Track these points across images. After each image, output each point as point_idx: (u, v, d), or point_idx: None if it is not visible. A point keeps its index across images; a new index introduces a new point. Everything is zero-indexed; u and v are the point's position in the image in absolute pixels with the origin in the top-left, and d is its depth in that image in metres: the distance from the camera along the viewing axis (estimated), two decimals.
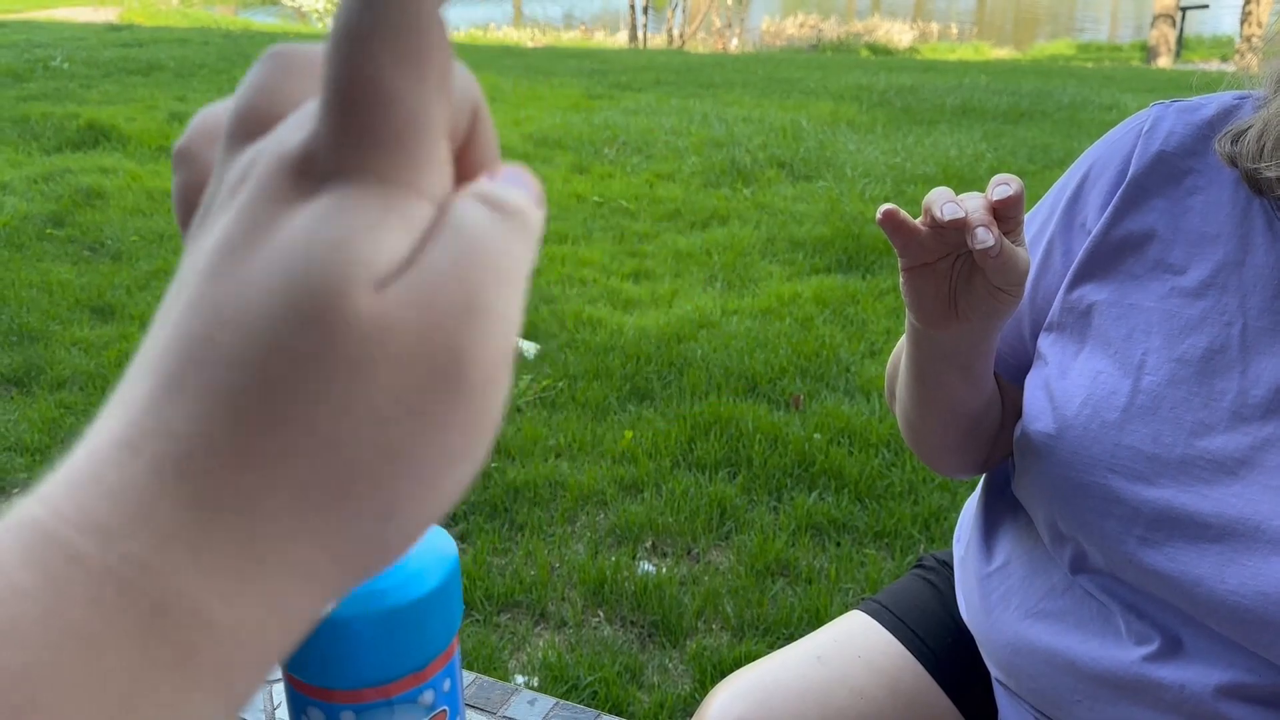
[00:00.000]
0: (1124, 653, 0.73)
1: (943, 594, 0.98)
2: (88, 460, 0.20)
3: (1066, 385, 0.76)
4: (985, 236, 0.65)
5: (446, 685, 0.51)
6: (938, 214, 0.67)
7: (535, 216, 0.23)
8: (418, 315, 0.20)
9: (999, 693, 0.86)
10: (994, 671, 0.85)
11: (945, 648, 0.93)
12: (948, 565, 1.01)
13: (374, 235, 0.20)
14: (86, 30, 11.14)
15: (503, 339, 0.22)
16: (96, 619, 0.18)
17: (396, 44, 0.20)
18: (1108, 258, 0.78)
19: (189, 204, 0.24)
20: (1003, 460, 0.91)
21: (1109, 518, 0.72)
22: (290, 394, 0.20)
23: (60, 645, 0.18)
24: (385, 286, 0.20)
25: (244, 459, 0.20)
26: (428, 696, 0.50)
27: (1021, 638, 0.79)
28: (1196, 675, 0.69)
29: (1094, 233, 0.78)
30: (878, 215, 0.70)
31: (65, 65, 8.01)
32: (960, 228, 0.66)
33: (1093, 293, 0.78)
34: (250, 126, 0.23)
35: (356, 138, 0.20)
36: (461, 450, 0.22)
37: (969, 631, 0.93)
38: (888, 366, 0.94)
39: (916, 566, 1.05)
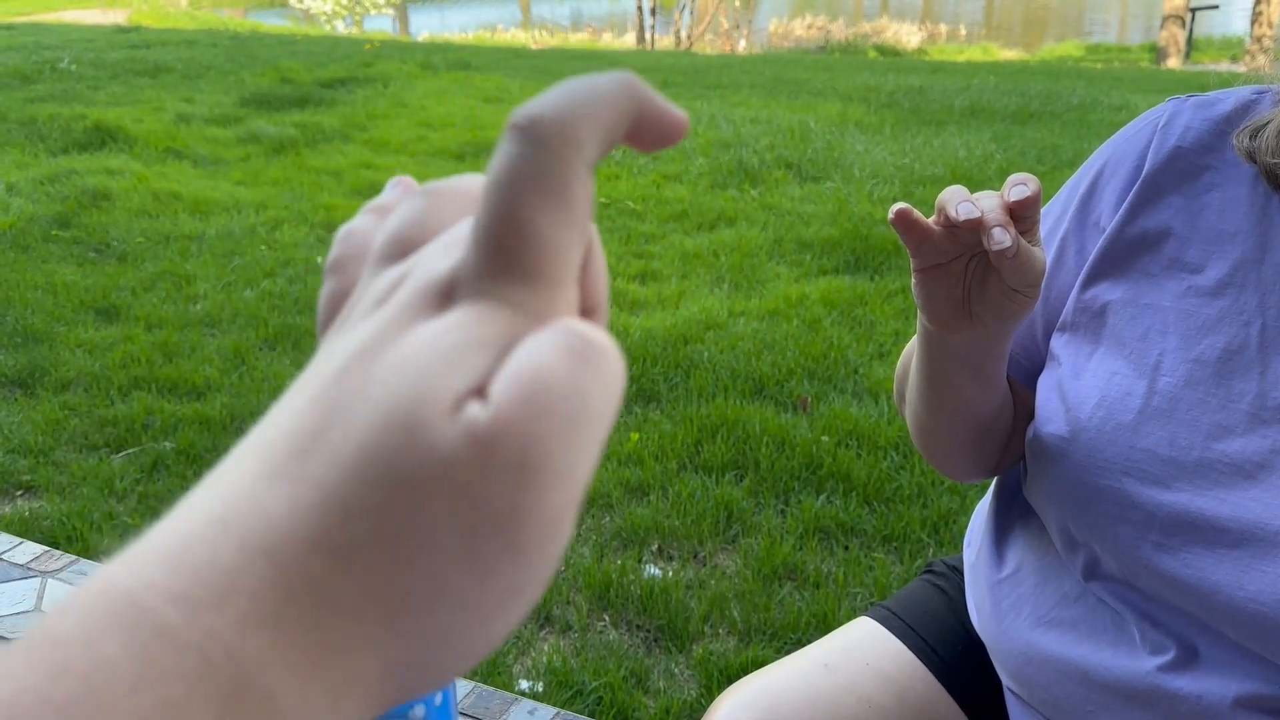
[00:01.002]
0: (1138, 662, 0.71)
1: (952, 600, 0.97)
2: (179, 533, 0.20)
3: (1080, 387, 0.75)
4: (1002, 237, 0.63)
5: (438, 699, 0.49)
6: (952, 213, 0.65)
7: (621, 362, 0.23)
8: (475, 460, 0.20)
9: (1010, 701, 0.85)
10: (1005, 680, 0.84)
11: (955, 655, 0.92)
12: (958, 571, 1.00)
13: (470, 357, 0.21)
14: (94, 32, 11.18)
15: (565, 501, 0.21)
16: (181, 693, 0.18)
17: (549, 189, 0.22)
18: (1122, 256, 0.76)
19: (332, 311, 0.26)
20: (1014, 464, 0.89)
21: (1123, 523, 0.70)
22: (369, 500, 0.20)
23: (146, 717, 0.18)
24: (456, 414, 0.21)
25: (323, 552, 0.20)
26: (418, 711, 0.49)
27: (1033, 646, 0.78)
28: (1214, 686, 0.68)
29: (1108, 230, 0.77)
30: (890, 215, 0.68)
31: (73, 67, 8.03)
32: (975, 228, 0.64)
33: (1107, 292, 0.76)
34: (400, 249, 0.25)
35: (497, 272, 0.22)
36: (513, 596, 0.22)
37: (979, 638, 0.92)
38: (897, 369, 0.92)
39: (926, 572, 1.03)
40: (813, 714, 0.87)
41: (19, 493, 2.44)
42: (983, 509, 0.94)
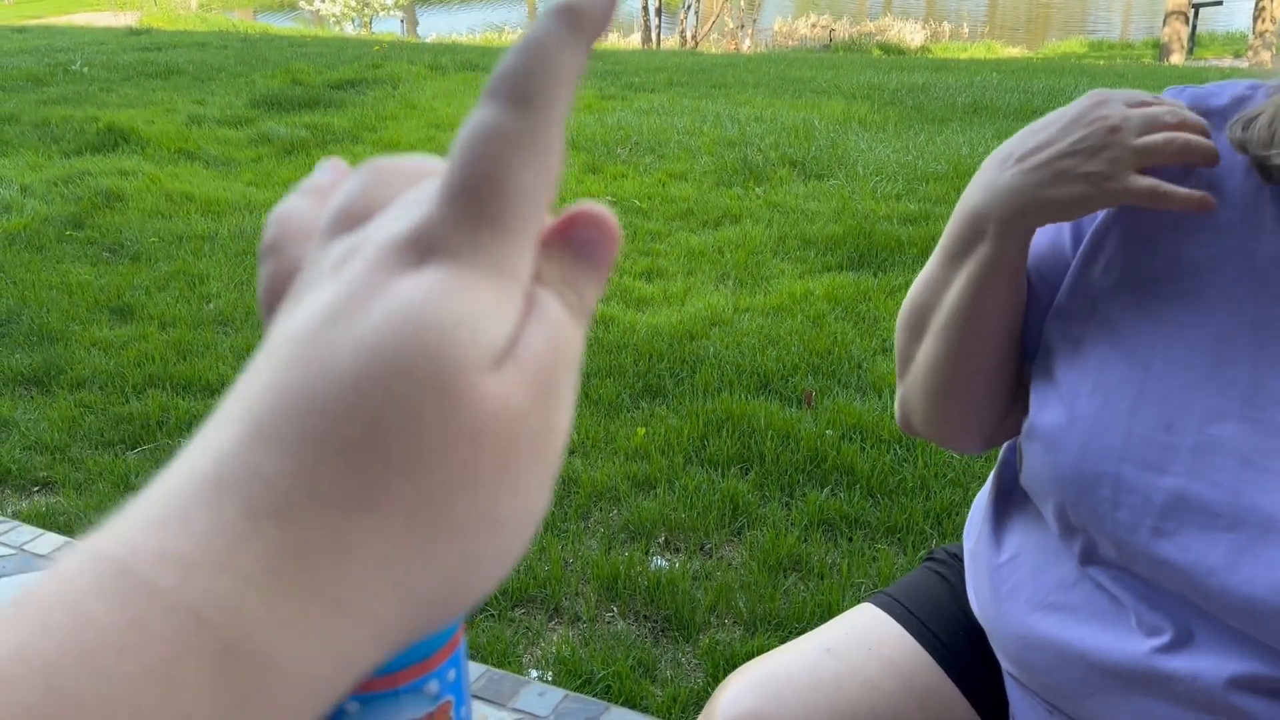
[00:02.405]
0: (1135, 645, 0.72)
1: (954, 587, 0.97)
2: (167, 499, 0.20)
3: (1074, 374, 0.76)
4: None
5: (452, 675, 0.50)
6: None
7: (593, 308, 0.26)
8: (524, 394, 0.22)
9: (1010, 685, 0.86)
10: (1005, 664, 0.85)
11: (956, 640, 0.93)
12: (959, 558, 1.01)
13: (492, 319, 0.22)
14: (106, 35, 11.23)
15: (569, 409, 0.24)
16: (172, 654, 0.18)
17: (528, 146, 0.23)
18: (1116, 243, 0.77)
19: (275, 293, 0.26)
20: (1008, 438, 0.90)
21: (1121, 508, 0.71)
22: (401, 449, 0.21)
23: (133, 678, 0.18)
24: (500, 368, 0.22)
25: (344, 506, 0.20)
26: (433, 686, 0.49)
27: (1032, 630, 0.79)
28: (1209, 667, 0.68)
29: (1101, 217, 0.78)
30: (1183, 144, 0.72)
31: (85, 69, 8.07)
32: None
33: (1101, 278, 0.77)
34: (349, 220, 0.25)
35: (475, 226, 0.22)
36: (533, 508, 0.24)
37: (979, 626, 0.93)
38: (905, 321, 0.90)
39: (928, 560, 1.04)
40: (816, 698, 0.88)
41: (36, 489, 2.48)
42: (983, 497, 0.94)
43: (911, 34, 16.49)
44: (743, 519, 2.30)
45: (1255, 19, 13.61)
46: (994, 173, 0.79)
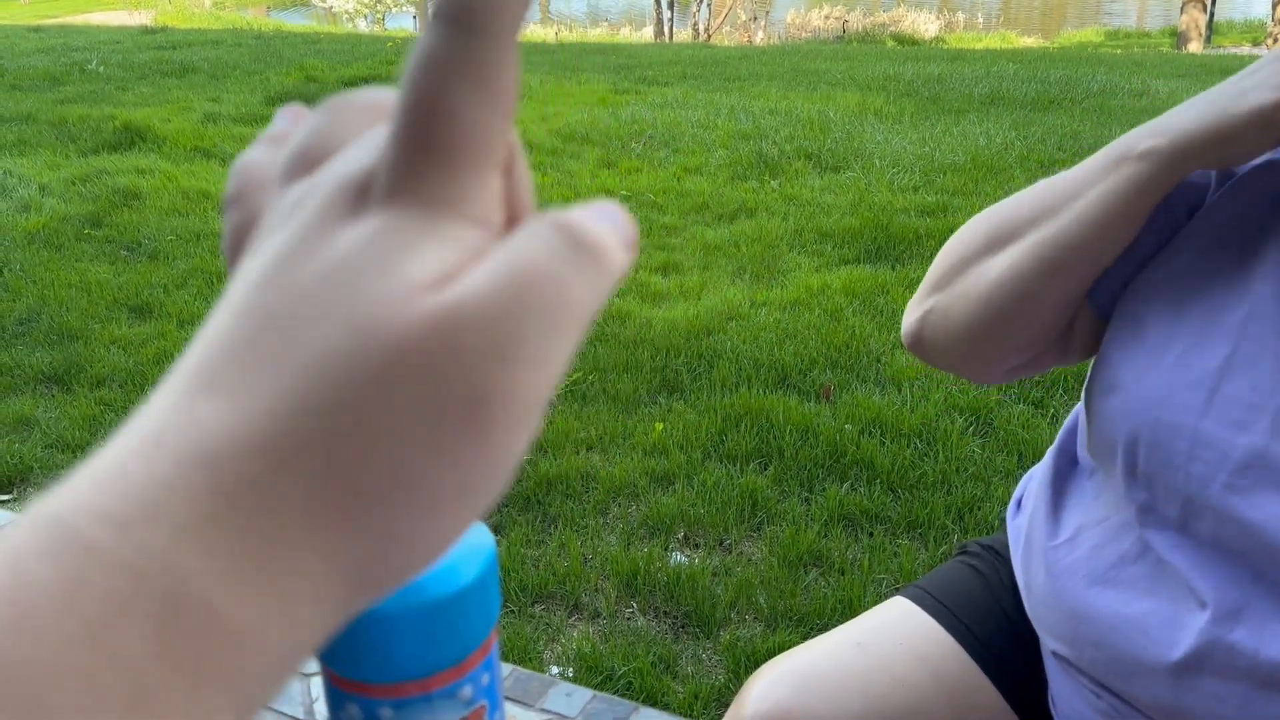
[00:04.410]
0: (1195, 617, 0.72)
1: (987, 579, 0.97)
2: (111, 456, 0.20)
3: (1166, 329, 0.76)
4: None
5: (485, 679, 0.50)
6: None
7: (617, 259, 0.23)
8: (440, 339, 0.20)
9: (1053, 669, 0.85)
10: (1052, 645, 0.84)
11: (989, 632, 0.92)
12: (993, 550, 1.00)
13: (412, 253, 0.21)
14: (122, 34, 11.28)
15: (537, 386, 0.21)
16: (111, 612, 0.18)
17: (474, 73, 0.21)
18: (1224, 212, 0.77)
19: (239, 243, 0.25)
20: (1023, 376, 0.88)
21: (1196, 461, 0.71)
22: (320, 400, 0.20)
23: (73, 638, 0.18)
24: (419, 300, 0.20)
25: (266, 456, 0.20)
26: (467, 691, 0.49)
27: (1089, 606, 0.78)
28: (1270, 640, 0.68)
29: (1216, 184, 0.78)
30: None
31: (101, 68, 8.11)
32: None
33: (1205, 243, 0.77)
34: (307, 163, 0.24)
35: (418, 160, 0.21)
36: (473, 486, 0.21)
37: (1014, 617, 0.92)
38: (977, 237, 0.84)
39: (960, 553, 1.03)
40: (845, 693, 0.88)
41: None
42: (1036, 477, 0.93)
43: (926, 25, 16.41)
44: (762, 514, 2.30)
45: (1275, 5, 13.48)
46: (1172, 111, 0.75)
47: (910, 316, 0.90)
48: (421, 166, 0.21)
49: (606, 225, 0.23)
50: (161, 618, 0.18)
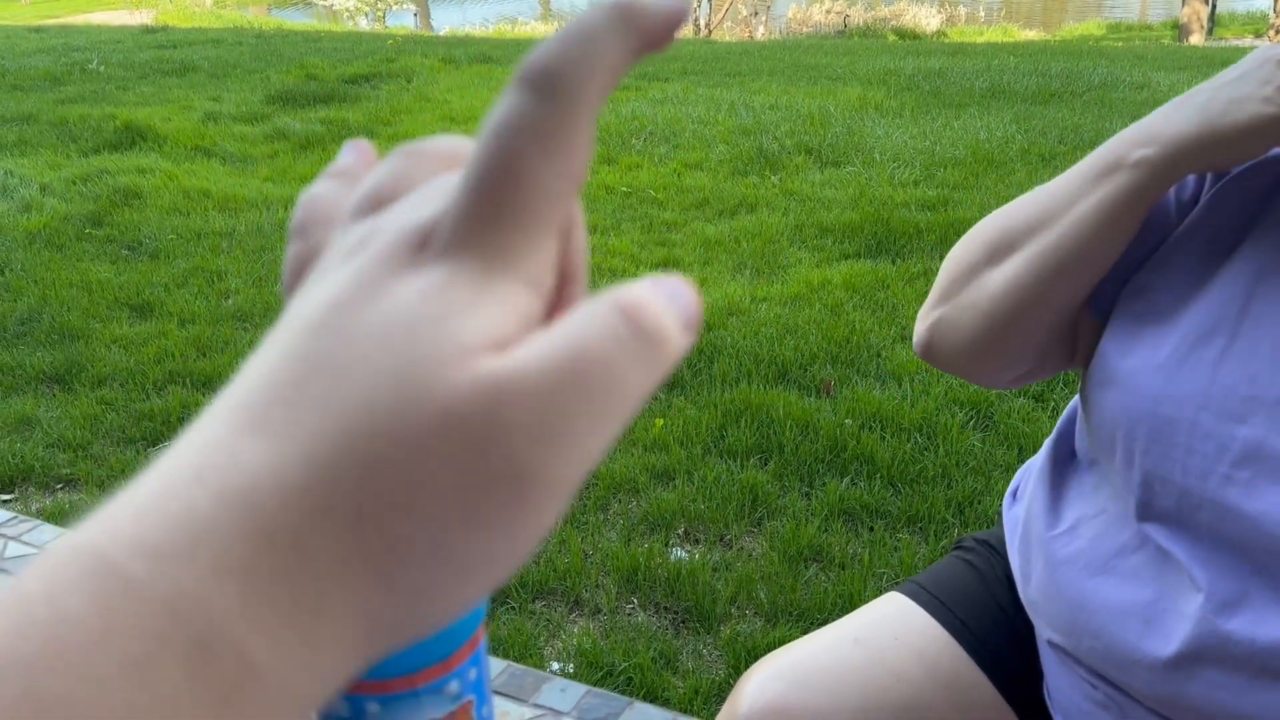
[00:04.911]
0: (1192, 606, 0.72)
1: (982, 574, 0.97)
2: (153, 487, 0.20)
3: (1163, 323, 0.76)
4: None
5: (473, 674, 0.50)
6: None
7: (677, 346, 0.22)
8: (489, 410, 0.20)
9: (1050, 659, 0.85)
10: (1050, 635, 0.84)
11: (985, 627, 0.92)
12: (989, 545, 1.00)
13: (466, 313, 0.21)
14: (122, 33, 11.28)
15: (578, 467, 0.21)
16: (145, 649, 0.18)
17: (550, 140, 0.21)
18: (1224, 206, 0.77)
19: (299, 273, 0.26)
20: (1033, 381, 0.89)
21: (1194, 454, 0.71)
22: (363, 452, 0.20)
23: (107, 675, 0.18)
24: (475, 364, 0.20)
25: (304, 503, 0.20)
26: (454, 686, 0.49)
27: (1088, 595, 0.78)
28: (1267, 630, 0.68)
29: (1213, 179, 0.78)
30: None
31: (102, 68, 8.12)
32: None
33: (1202, 236, 0.77)
34: (375, 204, 0.25)
35: (483, 216, 0.21)
36: (501, 557, 0.21)
37: (1010, 612, 0.92)
38: (978, 248, 0.86)
39: (956, 548, 1.03)
40: (842, 687, 0.88)
41: (59, 486, 2.50)
42: (1034, 469, 0.93)
43: (927, 18, 16.37)
44: (762, 509, 2.30)
45: None
46: (1160, 115, 0.76)
47: (920, 326, 0.91)
48: (485, 223, 0.21)
49: (670, 309, 0.22)
50: (196, 657, 0.18)
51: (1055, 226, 0.79)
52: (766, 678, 0.90)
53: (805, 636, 0.95)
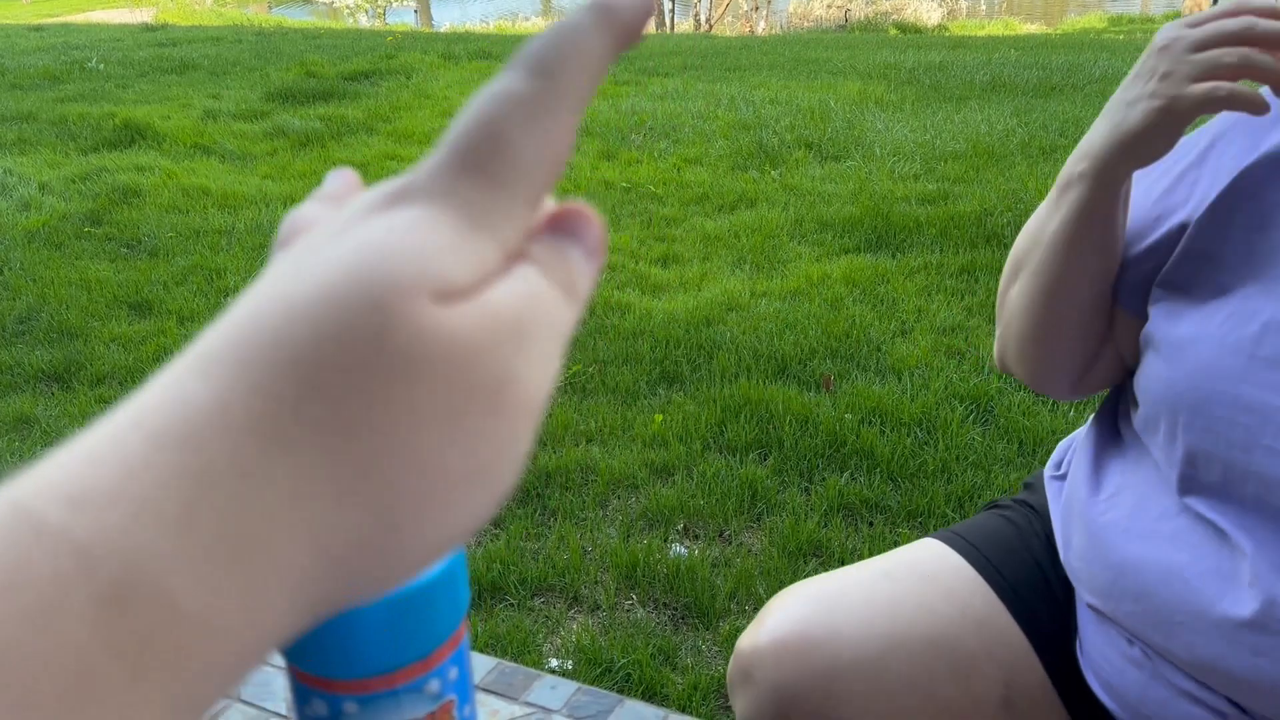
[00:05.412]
0: (1236, 570, 0.72)
1: (1019, 528, 0.97)
2: (91, 438, 0.19)
3: (1205, 296, 0.77)
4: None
5: (454, 673, 0.49)
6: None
7: (588, 294, 0.25)
8: (477, 335, 0.21)
9: (1086, 619, 0.86)
10: (1090, 598, 0.84)
11: (1019, 578, 0.93)
12: (1025, 504, 1.01)
13: (448, 256, 0.21)
14: (122, 31, 11.28)
15: (544, 375, 0.23)
16: (50, 595, 0.17)
17: (536, 111, 0.23)
18: (1258, 178, 0.77)
19: None
20: (1098, 389, 0.92)
21: (1236, 427, 0.72)
22: (328, 379, 0.20)
23: (16, 620, 0.17)
24: (450, 303, 0.21)
25: (253, 433, 0.19)
26: (434, 685, 0.48)
27: (1129, 559, 0.79)
28: None
29: (1237, 171, 0.78)
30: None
31: (101, 66, 8.11)
32: None
33: (1242, 211, 0.78)
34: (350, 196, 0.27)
35: (467, 171, 0.22)
36: (486, 468, 0.22)
37: (1046, 567, 0.93)
38: (1006, 274, 0.93)
39: (992, 506, 1.04)
40: (870, 615, 0.87)
41: None
42: (1077, 440, 0.95)
43: (928, 12, 16.34)
44: (762, 505, 2.29)
45: None
46: (1093, 127, 0.81)
47: (996, 345, 0.97)
48: (464, 176, 0.22)
49: (587, 269, 0.25)
50: (110, 602, 0.17)
51: (1041, 244, 0.85)
52: (794, 602, 0.89)
53: (834, 571, 0.95)
